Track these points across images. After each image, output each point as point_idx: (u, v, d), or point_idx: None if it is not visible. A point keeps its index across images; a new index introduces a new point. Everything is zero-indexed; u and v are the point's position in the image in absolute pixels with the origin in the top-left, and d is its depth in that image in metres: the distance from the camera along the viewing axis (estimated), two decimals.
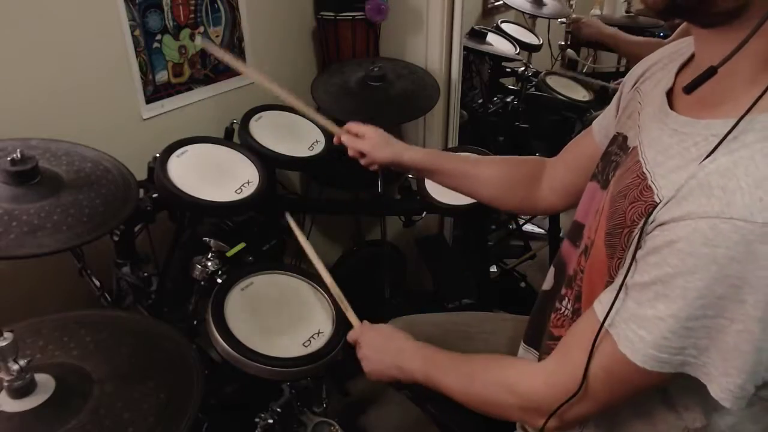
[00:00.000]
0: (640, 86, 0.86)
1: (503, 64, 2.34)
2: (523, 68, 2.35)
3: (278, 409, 1.19)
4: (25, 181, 0.98)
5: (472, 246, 1.99)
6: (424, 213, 1.64)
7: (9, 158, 0.96)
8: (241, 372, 1.03)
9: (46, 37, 1.22)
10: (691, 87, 0.66)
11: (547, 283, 0.98)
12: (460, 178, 1.16)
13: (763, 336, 0.60)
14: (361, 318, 1.10)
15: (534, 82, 2.34)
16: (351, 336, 1.06)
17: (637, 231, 0.68)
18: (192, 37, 1.50)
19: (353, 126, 1.18)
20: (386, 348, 1.00)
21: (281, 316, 1.15)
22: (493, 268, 2.21)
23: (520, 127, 2.34)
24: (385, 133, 1.17)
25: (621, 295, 0.69)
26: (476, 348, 1.01)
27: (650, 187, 0.70)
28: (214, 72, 1.59)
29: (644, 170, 0.73)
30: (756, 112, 0.62)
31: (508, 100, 2.38)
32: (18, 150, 0.97)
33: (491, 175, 1.13)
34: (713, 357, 0.63)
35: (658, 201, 0.67)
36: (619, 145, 0.84)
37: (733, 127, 0.62)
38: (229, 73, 1.62)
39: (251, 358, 1.02)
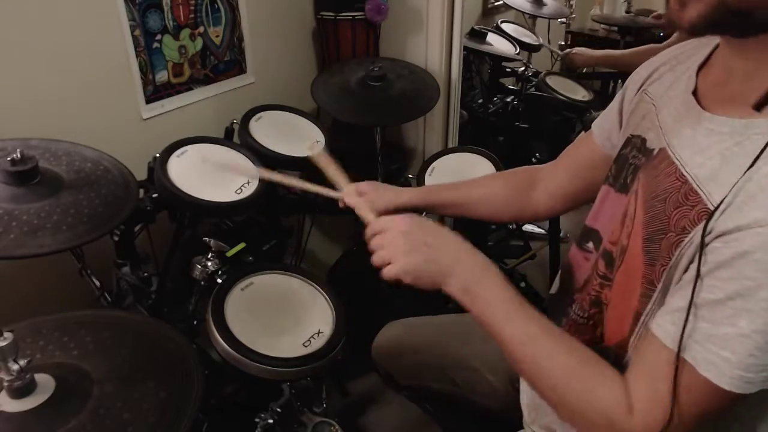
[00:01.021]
0: (648, 88, 0.85)
1: (503, 64, 2.34)
2: (523, 68, 2.35)
3: (278, 409, 1.19)
4: (25, 181, 0.98)
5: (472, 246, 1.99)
6: (424, 213, 1.64)
7: (9, 158, 0.96)
8: (241, 372, 1.03)
9: (46, 37, 1.22)
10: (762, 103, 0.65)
11: (554, 288, 0.97)
12: (455, 208, 1.15)
13: None
14: (361, 320, 1.10)
15: (534, 82, 2.34)
16: (372, 228, 0.86)
17: (688, 241, 0.66)
18: (192, 38, 1.50)
19: (347, 190, 1.09)
20: (441, 241, 0.82)
21: (281, 316, 1.15)
22: None
23: (520, 127, 2.34)
24: (377, 183, 1.11)
25: (693, 319, 0.64)
26: (475, 350, 1.00)
27: (696, 191, 0.68)
28: (214, 72, 1.59)
29: (683, 172, 0.70)
30: None
31: (508, 100, 2.39)
32: (18, 150, 0.97)
33: (483, 195, 1.12)
34: None
35: (710, 206, 0.65)
36: (637, 147, 0.82)
37: None
38: (229, 73, 1.62)
39: (251, 358, 1.02)
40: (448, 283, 0.79)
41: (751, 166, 0.61)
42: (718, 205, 0.63)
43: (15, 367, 0.72)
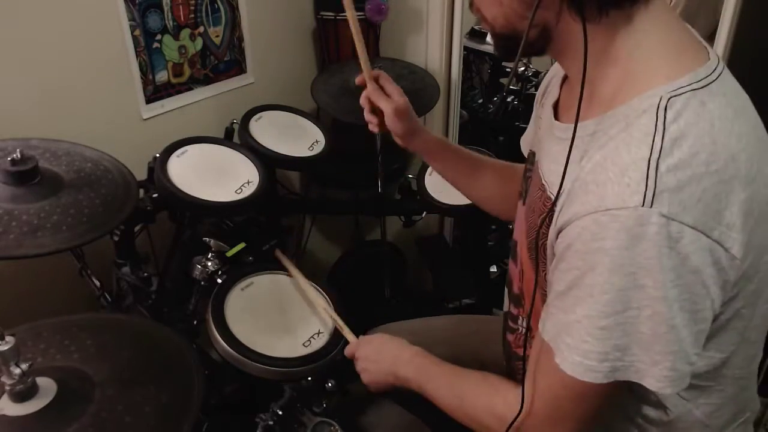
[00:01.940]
0: (543, 101, 0.89)
1: (503, 64, 2.34)
2: (523, 68, 2.35)
3: (278, 410, 1.19)
4: (25, 181, 0.98)
5: (472, 246, 1.99)
6: (424, 213, 1.64)
7: (9, 158, 0.96)
8: (241, 372, 1.03)
9: (46, 37, 1.22)
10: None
11: (505, 304, 0.99)
12: (461, 172, 1.15)
13: (671, 313, 0.61)
14: (361, 320, 1.10)
15: (534, 82, 2.34)
16: (348, 351, 1.07)
17: (543, 243, 0.71)
18: (192, 38, 1.50)
19: (384, 78, 1.05)
20: (381, 357, 1.00)
21: (281, 316, 1.15)
22: (493, 268, 2.21)
23: (520, 127, 2.34)
24: (409, 103, 1.06)
25: (550, 310, 0.70)
26: (455, 353, 1.01)
27: (549, 197, 0.72)
28: (214, 72, 1.59)
29: (543, 182, 0.76)
30: (617, 103, 0.65)
31: (509, 100, 2.39)
32: (18, 150, 0.97)
33: (490, 183, 1.13)
34: (636, 352, 0.63)
35: (555, 209, 0.69)
36: (531, 161, 0.88)
37: (575, 127, 0.67)
38: (229, 72, 1.62)
39: (251, 358, 1.02)
40: (393, 381, 0.98)
41: (565, 167, 0.67)
42: (554, 203, 0.68)
43: (17, 371, 0.72)
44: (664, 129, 0.60)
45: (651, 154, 0.59)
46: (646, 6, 0.65)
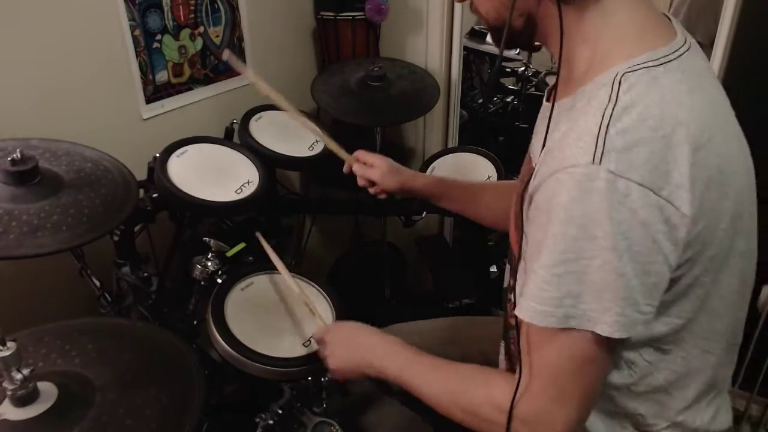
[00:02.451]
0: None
1: (503, 64, 2.34)
2: (523, 68, 2.35)
3: (278, 410, 1.19)
4: (25, 181, 0.98)
5: (472, 246, 1.99)
6: (424, 213, 1.64)
7: (9, 158, 0.96)
8: (241, 372, 1.03)
9: (46, 37, 1.22)
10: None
11: (506, 279, 1.00)
12: (464, 204, 1.22)
13: (621, 263, 0.65)
14: (361, 320, 1.10)
15: (534, 82, 2.34)
16: (317, 333, 1.03)
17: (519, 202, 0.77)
18: (192, 38, 1.50)
19: (363, 155, 1.20)
20: (355, 343, 0.98)
21: (281, 316, 1.15)
22: (493, 268, 2.21)
23: (520, 127, 2.35)
24: (393, 161, 1.21)
25: (520, 271, 0.75)
26: (462, 353, 1.00)
27: (533, 168, 0.76)
28: (213, 72, 1.59)
29: (529, 155, 0.85)
30: (587, 80, 0.71)
31: (508, 100, 2.39)
32: (18, 150, 0.97)
33: (492, 201, 1.19)
34: (588, 300, 0.67)
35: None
36: None
37: (552, 106, 0.75)
38: (229, 73, 1.62)
39: (251, 358, 1.02)
40: (366, 371, 0.95)
41: (544, 141, 0.73)
42: (534, 174, 0.72)
43: (18, 376, 0.72)
44: (616, 99, 0.66)
45: (602, 119, 0.66)
46: None
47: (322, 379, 1.15)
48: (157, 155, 1.22)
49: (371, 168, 1.19)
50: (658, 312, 0.71)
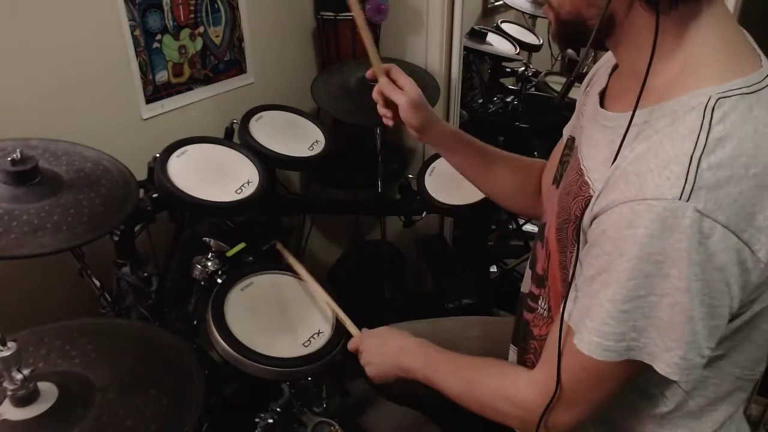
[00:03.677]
0: (589, 90, 0.90)
1: (503, 64, 2.34)
2: (523, 68, 2.35)
3: (278, 409, 1.19)
4: (25, 181, 0.98)
5: (472, 246, 1.99)
6: (424, 213, 1.64)
7: (9, 158, 0.96)
8: (241, 372, 1.03)
9: (46, 37, 1.22)
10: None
11: (525, 285, 0.99)
12: (475, 168, 1.15)
13: (692, 305, 0.62)
14: (360, 320, 1.10)
15: (534, 82, 2.34)
16: (351, 345, 1.07)
17: (575, 226, 0.73)
18: (192, 38, 1.50)
19: (396, 72, 1.08)
20: (386, 349, 1.01)
21: (281, 316, 1.15)
22: (493, 268, 2.21)
23: (520, 127, 2.34)
24: (421, 93, 1.08)
25: (576, 294, 0.72)
26: (463, 354, 1.01)
27: (586, 182, 0.74)
28: (214, 72, 1.59)
29: (581, 166, 0.78)
30: (667, 97, 0.67)
31: (508, 100, 2.38)
32: (18, 150, 0.97)
33: (504, 174, 1.13)
34: (652, 336, 0.65)
35: (592, 195, 0.71)
36: (569, 146, 0.90)
37: (632, 117, 0.68)
38: (229, 72, 1.62)
39: (251, 358, 1.02)
40: (398, 372, 0.97)
41: (616, 156, 0.68)
42: (599, 194, 0.69)
43: (18, 376, 0.73)
44: (709, 128, 0.61)
45: (694, 150, 0.61)
46: (709, 5, 0.66)
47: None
48: (157, 155, 1.22)
49: (398, 91, 1.05)
50: None
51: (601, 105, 0.81)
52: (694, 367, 0.66)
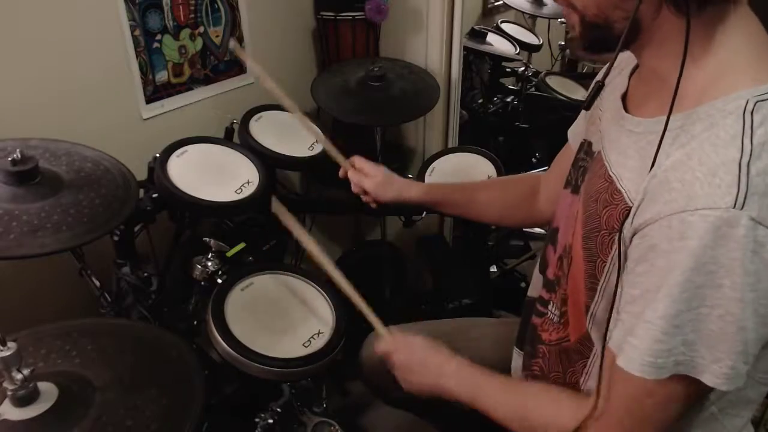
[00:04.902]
0: (603, 92, 0.88)
1: (503, 64, 2.34)
2: (523, 68, 2.35)
3: (278, 409, 1.19)
4: (25, 181, 0.98)
5: (472, 246, 1.99)
6: (424, 213, 1.64)
7: (9, 158, 0.96)
8: (241, 372, 1.03)
9: (46, 37, 1.22)
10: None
11: (534, 289, 0.98)
12: (462, 207, 1.20)
13: (744, 315, 0.61)
14: (360, 320, 1.10)
15: (534, 82, 2.34)
16: (380, 349, 1.00)
17: (617, 238, 0.70)
18: (192, 38, 1.50)
19: (359, 161, 1.19)
20: (425, 369, 0.96)
21: (281, 316, 1.15)
22: (493, 268, 2.21)
23: (520, 127, 2.35)
24: (388, 171, 1.18)
25: (619, 316, 0.69)
26: (465, 356, 1.00)
27: (619, 190, 0.72)
28: (214, 72, 1.59)
29: (610, 173, 0.76)
30: (700, 102, 0.65)
31: (508, 100, 2.39)
32: (18, 150, 0.97)
33: (490, 199, 1.18)
34: (700, 349, 0.64)
35: (629, 204, 0.69)
36: (585, 151, 0.88)
37: (667, 123, 0.65)
38: (229, 72, 1.62)
39: (251, 358, 1.02)
40: (438, 392, 0.93)
41: (653, 163, 0.66)
42: (639, 205, 0.66)
43: (18, 376, 0.72)
44: (751, 132, 0.60)
45: (741, 156, 0.60)
46: (735, 8, 0.65)
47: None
48: (157, 155, 1.22)
49: (366, 177, 1.17)
50: None
51: (625, 109, 0.79)
52: (741, 376, 0.64)
